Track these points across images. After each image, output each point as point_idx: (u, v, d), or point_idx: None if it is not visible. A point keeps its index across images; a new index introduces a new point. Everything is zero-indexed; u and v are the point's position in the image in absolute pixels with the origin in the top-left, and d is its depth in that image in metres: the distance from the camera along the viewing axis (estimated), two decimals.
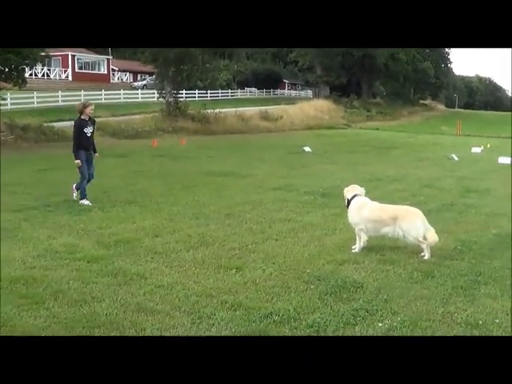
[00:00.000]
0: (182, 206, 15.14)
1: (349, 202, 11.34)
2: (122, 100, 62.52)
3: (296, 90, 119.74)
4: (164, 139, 40.19)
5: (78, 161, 15.43)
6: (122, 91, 65.14)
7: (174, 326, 6.97)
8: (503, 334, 7.16)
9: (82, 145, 15.55)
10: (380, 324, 7.40)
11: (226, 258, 10.15)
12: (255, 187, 18.90)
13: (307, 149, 34.26)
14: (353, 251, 10.79)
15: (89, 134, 15.67)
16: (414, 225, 10.47)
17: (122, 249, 10.57)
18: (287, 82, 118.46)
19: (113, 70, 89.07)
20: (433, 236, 10.73)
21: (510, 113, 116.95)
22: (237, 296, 8.16)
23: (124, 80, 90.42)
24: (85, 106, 15.74)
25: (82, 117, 15.67)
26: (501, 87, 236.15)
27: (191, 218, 13.62)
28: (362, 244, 10.81)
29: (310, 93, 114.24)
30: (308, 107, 77.95)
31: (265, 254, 10.50)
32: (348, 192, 11.51)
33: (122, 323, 7.02)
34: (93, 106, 16.01)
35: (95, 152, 16.07)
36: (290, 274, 9.32)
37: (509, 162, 30.93)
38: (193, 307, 7.69)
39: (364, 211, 10.84)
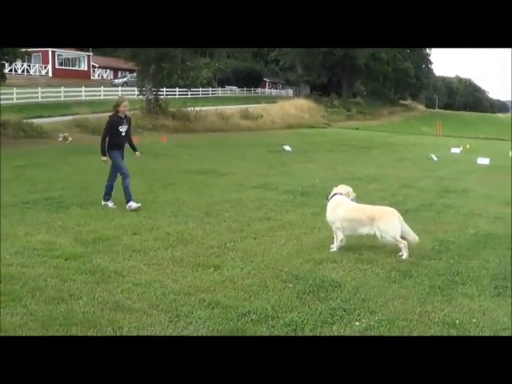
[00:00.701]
0: (161, 203, 15.09)
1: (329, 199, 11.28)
2: (103, 97, 62.11)
3: (277, 88, 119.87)
4: (144, 137, 39.55)
5: (106, 158, 14.81)
6: (102, 88, 64.80)
7: (151, 325, 6.94)
8: (480, 334, 7.19)
9: (115, 143, 14.75)
10: (357, 323, 7.39)
11: (204, 257, 10.11)
12: (235, 185, 18.86)
13: (287, 148, 34.26)
14: (331, 250, 10.77)
15: (123, 133, 14.80)
16: (391, 225, 10.52)
17: (101, 246, 10.50)
18: (268, 80, 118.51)
19: (93, 66, 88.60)
20: (413, 236, 10.85)
21: (489, 114, 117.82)
22: (215, 294, 8.14)
23: (104, 77, 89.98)
24: (117, 103, 14.96)
25: (118, 114, 14.83)
26: (480, 88, 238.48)
27: (170, 215, 13.58)
28: (339, 243, 10.79)
29: (290, 92, 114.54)
30: (288, 106, 78.20)
31: (243, 252, 10.47)
32: (335, 191, 11.54)
33: (99, 321, 6.97)
34: (126, 103, 15.10)
35: (135, 150, 15.38)
36: (268, 272, 9.30)
37: (487, 163, 31.25)
38: (170, 305, 7.65)
39: (339, 210, 10.86)
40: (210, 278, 8.91)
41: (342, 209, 10.86)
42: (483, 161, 31.97)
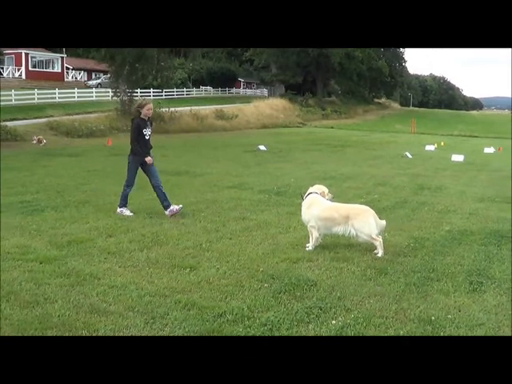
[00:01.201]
0: (136, 205, 15.03)
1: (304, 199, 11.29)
2: (77, 99, 61.94)
3: (251, 88, 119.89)
4: (119, 138, 39.87)
5: (150, 158, 14.12)
6: (76, 90, 64.42)
7: (127, 327, 6.89)
8: (455, 330, 7.21)
9: (141, 148, 14.07)
10: (333, 321, 7.37)
11: (179, 258, 10.09)
12: (210, 186, 18.84)
13: (262, 147, 34.47)
14: (306, 249, 10.76)
15: (147, 137, 14.20)
16: (366, 223, 10.55)
17: (75, 249, 10.43)
18: (242, 80, 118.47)
19: (67, 68, 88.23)
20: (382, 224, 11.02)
21: (463, 111, 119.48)
22: (190, 295, 8.11)
23: (78, 78, 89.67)
24: (141, 105, 14.10)
25: (141, 116, 14.06)
26: (454, 86, 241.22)
27: (145, 217, 13.54)
28: (314, 242, 10.79)
29: (265, 91, 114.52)
30: (263, 106, 78.68)
31: (219, 252, 10.46)
32: (310, 190, 11.52)
33: (74, 324, 6.92)
34: (151, 105, 14.25)
35: (148, 155, 14.37)
36: (243, 272, 9.30)
37: (461, 160, 31.68)
38: (146, 307, 7.61)
39: (314, 209, 10.86)
40: (185, 279, 8.87)
41: (317, 208, 10.86)
42: (457, 158, 32.32)
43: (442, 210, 15.51)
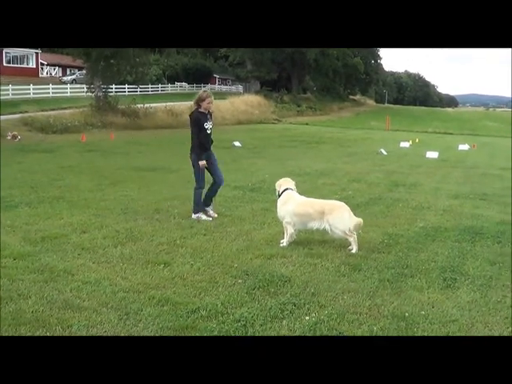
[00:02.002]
0: (111, 201, 14.98)
1: (280, 195, 11.35)
2: (51, 95, 61.64)
3: (227, 84, 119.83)
4: (93, 134, 39.83)
5: (204, 162, 13.27)
6: (50, 85, 64.18)
7: (100, 323, 6.88)
8: (429, 326, 7.23)
9: (200, 144, 13.32)
10: (307, 317, 7.35)
11: (153, 253, 10.08)
12: (184, 182, 18.53)
13: (237, 143, 34.44)
14: (281, 245, 10.74)
15: (209, 131, 13.40)
16: (341, 218, 10.54)
17: (49, 245, 10.38)
18: (218, 76, 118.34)
19: (42, 64, 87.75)
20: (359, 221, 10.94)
21: (438, 108, 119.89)
22: (164, 291, 8.11)
23: (53, 74, 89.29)
24: (201, 98, 13.14)
25: (200, 110, 13.25)
26: (429, 83, 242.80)
27: (119, 213, 13.48)
28: (289, 238, 10.78)
29: (240, 88, 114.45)
30: (239, 102, 78.31)
31: (193, 248, 10.43)
32: (280, 186, 11.49)
33: (48, 320, 6.89)
34: (211, 98, 13.24)
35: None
36: (217, 268, 9.29)
37: (436, 157, 31.68)
38: (120, 303, 7.60)
39: (290, 205, 10.86)
40: (159, 275, 8.86)
41: (292, 204, 10.86)
42: (432, 154, 32.33)
43: (417, 207, 15.52)
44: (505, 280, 9.16)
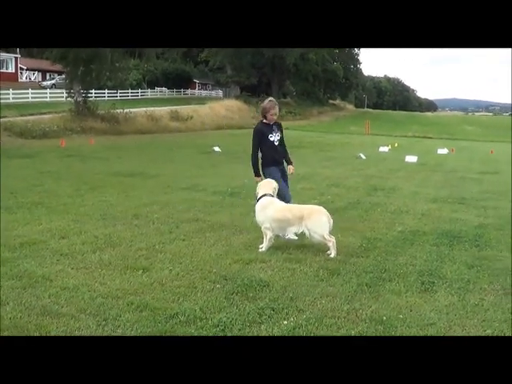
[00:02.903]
0: (89, 206, 14.91)
1: (258, 200, 11.22)
2: (31, 99, 61.39)
3: (207, 89, 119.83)
4: (72, 139, 39.77)
5: (259, 178, 12.16)
6: (30, 90, 63.87)
7: (79, 329, 6.84)
8: (407, 329, 7.20)
9: (268, 157, 12.38)
10: (285, 322, 7.32)
11: (132, 259, 10.01)
12: (163, 187, 18.72)
13: (217, 149, 34.41)
14: (260, 250, 10.70)
15: (276, 142, 12.49)
16: (319, 223, 10.54)
17: (28, 251, 10.30)
18: (198, 81, 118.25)
19: (21, 68, 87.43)
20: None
21: (418, 112, 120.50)
22: (143, 297, 8.06)
23: (32, 79, 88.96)
24: (265, 109, 12.44)
25: (264, 121, 12.58)
26: (409, 87, 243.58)
27: (98, 218, 13.42)
28: (268, 243, 10.74)
29: (220, 93, 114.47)
30: (218, 107, 78.86)
31: (172, 254, 10.37)
32: (260, 189, 11.31)
33: (26, 327, 6.85)
34: (275, 110, 12.49)
35: (289, 163, 12.84)
36: (196, 274, 9.24)
37: (415, 161, 31.79)
38: (98, 309, 7.55)
39: (269, 210, 10.81)
40: (138, 281, 8.79)
41: (271, 209, 10.81)
42: (411, 159, 32.41)
43: (395, 211, 15.63)
44: (482, 283, 9.19)
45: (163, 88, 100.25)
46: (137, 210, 14.40)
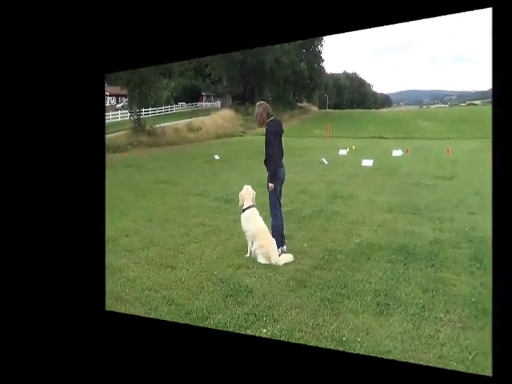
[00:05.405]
0: (141, 210, 14.31)
1: (244, 210, 9.23)
2: (111, 120, 58.37)
3: (211, 101, 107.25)
4: (132, 152, 37.42)
5: (272, 184, 9.66)
6: (110, 113, 61.40)
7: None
8: (364, 353, 5.43)
9: (275, 159, 10.05)
10: (264, 330, 6.14)
11: (165, 257, 9.55)
12: (183, 194, 17.31)
13: (217, 157, 31.22)
14: (246, 256, 9.46)
15: (282, 143, 10.24)
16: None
17: (110, 246, 10.04)
18: (204, 94, 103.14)
19: (106, 95, 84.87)
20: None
21: (373, 109, 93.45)
22: (171, 292, 7.52)
23: (112, 103, 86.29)
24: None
25: (273, 118, 10.14)
26: (365, 82, 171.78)
27: (146, 221, 12.93)
28: (251, 250, 9.50)
29: (218, 103, 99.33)
30: (218, 117, 71.17)
31: (188, 255, 9.75)
32: (243, 199, 9.46)
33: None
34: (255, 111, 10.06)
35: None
36: (204, 274, 8.55)
37: (371, 165, 24.15)
38: (146, 300, 7.21)
39: (251, 225, 9.46)
40: (168, 277, 8.24)
41: (252, 226, 9.43)
42: (367, 162, 24.50)
43: (353, 221, 12.40)
44: (438, 311, 6.90)
45: (183, 103, 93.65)
46: (167, 214, 13.61)
